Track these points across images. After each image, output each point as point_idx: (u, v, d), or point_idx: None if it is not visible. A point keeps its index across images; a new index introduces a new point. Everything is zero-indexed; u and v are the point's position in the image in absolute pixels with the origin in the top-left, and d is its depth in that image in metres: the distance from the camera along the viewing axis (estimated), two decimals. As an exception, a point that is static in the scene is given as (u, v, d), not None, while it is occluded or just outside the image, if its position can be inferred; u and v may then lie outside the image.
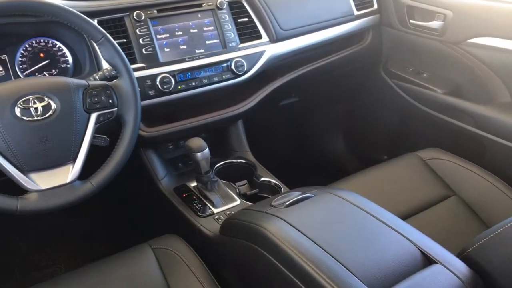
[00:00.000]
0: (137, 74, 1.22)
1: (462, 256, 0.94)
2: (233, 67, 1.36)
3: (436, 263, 0.89)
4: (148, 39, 1.26)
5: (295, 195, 1.10)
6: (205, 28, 1.36)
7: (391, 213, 1.04)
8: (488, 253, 0.90)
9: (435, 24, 1.62)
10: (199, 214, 1.28)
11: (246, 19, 1.43)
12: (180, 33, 1.32)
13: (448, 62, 1.64)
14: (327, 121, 2.18)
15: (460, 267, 0.89)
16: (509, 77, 1.51)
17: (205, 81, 1.33)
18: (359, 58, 1.80)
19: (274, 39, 1.47)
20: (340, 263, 0.86)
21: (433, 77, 1.71)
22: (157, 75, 1.26)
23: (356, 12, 1.68)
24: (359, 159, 2.12)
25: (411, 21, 1.70)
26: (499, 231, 0.88)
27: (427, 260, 0.91)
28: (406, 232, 0.97)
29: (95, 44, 1.06)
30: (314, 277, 0.84)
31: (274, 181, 1.43)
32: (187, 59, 1.31)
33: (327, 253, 0.89)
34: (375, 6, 1.75)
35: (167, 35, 1.30)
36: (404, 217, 1.27)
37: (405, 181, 1.43)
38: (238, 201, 1.34)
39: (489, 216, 1.31)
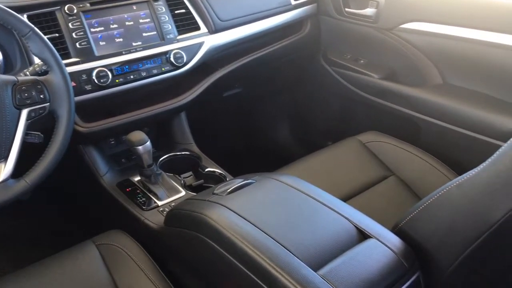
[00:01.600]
0: (72, 68, 1.19)
1: (395, 230, 0.99)
2: (172, 59, 1.35)
3: (371, 237, 0.93)
4: (82, 33, 1.24)
5: (237, 182, 1.12)
6: (141, 21, 1.34)
7: (331, 195, 1.08)
8: (418, 225, 0.95)
9: (369, 11, 1.67)
10: (144, 207, 1.27)
11: (183, 11, 1.43)
12: (115, 26, 1.30)
13: (383, 48, 1.69)
14: (272, 110, 2.21)
15: (393, 240, 0.94)
16: (440, 60, 1.58)
17: (144, 74, 1.32)
18: (299, 47, 1.83)
19: (213, 30, 1.47)
20: (280, 244, 0.89)
21: (370, 63, 1.76)
22: (92, 69, 1.23)
23: (293, 2, 1.70)
24: (305, 146, 2.16)
25: (346, 9, 1.75)
26: (426, 203, 0.93)
27: (363, 236, 0.95)
28: (344, 211, 1.00)
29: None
30: (255, 259, 0.86)
31: (219, 171, 1.44)
32: (123, 52, 1.29)
33: (268, 235, 0.91)
34: (312, -5, 1.79)
35: (102, 28, 1.28)
36: (346, 198, 1.32)
37: (346, 165, 1.47)
38: (183, 193, 1.34)
39: (425, 192, 1.36)
